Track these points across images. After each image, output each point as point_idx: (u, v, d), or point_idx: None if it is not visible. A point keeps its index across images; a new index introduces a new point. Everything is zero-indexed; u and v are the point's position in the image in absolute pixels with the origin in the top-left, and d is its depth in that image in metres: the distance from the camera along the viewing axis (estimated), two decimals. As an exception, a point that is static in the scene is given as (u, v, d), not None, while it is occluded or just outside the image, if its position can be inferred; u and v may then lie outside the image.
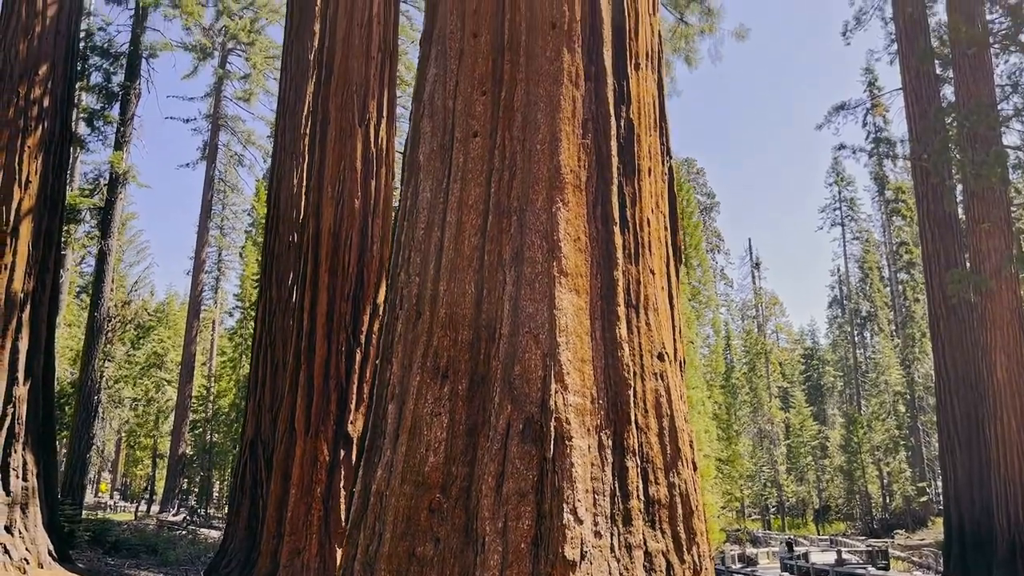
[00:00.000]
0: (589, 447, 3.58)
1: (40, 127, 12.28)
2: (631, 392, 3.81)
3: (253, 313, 23.12)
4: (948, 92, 22.32)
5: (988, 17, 17.04)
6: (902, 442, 43.56)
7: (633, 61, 4.72)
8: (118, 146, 20.11)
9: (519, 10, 4.55)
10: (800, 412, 48.78)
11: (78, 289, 38.59)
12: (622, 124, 4.49)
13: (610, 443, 3.67)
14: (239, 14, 33.34)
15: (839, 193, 56.42)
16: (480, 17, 4.70)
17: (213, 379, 41.33)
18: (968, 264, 17.94)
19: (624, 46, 4.62)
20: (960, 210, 19.71)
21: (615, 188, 4.26)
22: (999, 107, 15.94)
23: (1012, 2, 14.89)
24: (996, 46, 16.28)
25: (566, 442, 3.51)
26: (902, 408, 45.51)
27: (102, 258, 20.50)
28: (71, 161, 23.57)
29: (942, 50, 20.71)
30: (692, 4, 14.94)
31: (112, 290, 24.36)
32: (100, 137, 19.71)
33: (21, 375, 11.59)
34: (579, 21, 4.50)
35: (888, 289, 53.65)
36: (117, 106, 20.56)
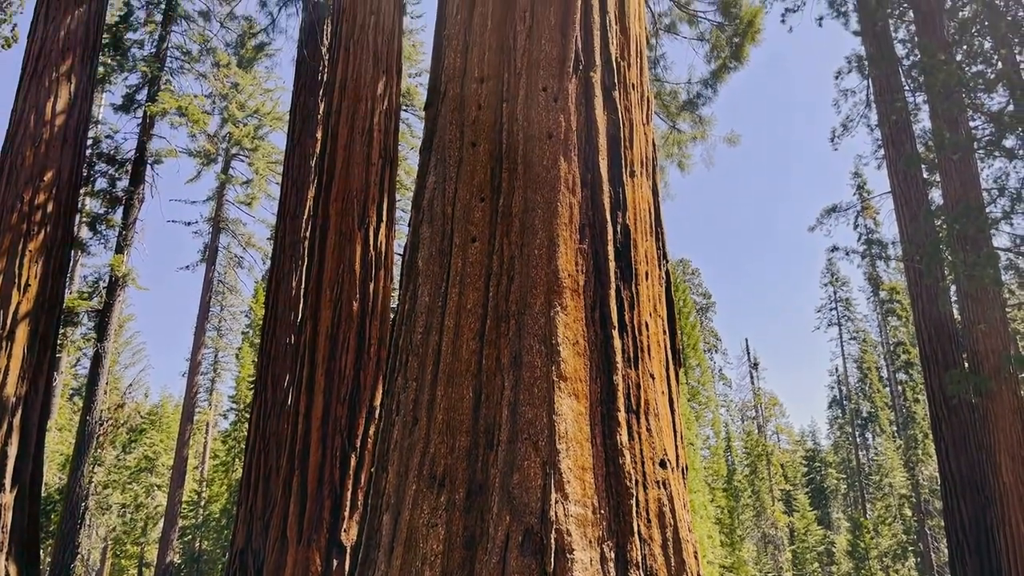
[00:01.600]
0: (591, 560, 3.46)
1: (42, 232, 12.42)
2: (633, 502, 3.71)
3: (247, 416, 22.84)
4: (936, 195, 22.79)
5: (971, 124, 17.57)
6: (910, 548, 42.39)
7: (628, 168, 4.82)
8: (119, 249, 20.32)
9: (516, 121, 4.68)
10: (804, 516, 47.66)
11: (71, 392, 38.24)
12: (619, 229, 4.55)
13: (612, 556, 3.55)
14: (243, 121, 34.27)
15: (834, 293, 56.87)
16: (479, 127, 4.83)
17: (205, 483, 40.47)
18: (966, 365, 17.87)
19: (619, 154, 4.73)
20: (955, 311, 19.79)
21: (613, 292, 4.28)
22: (987, 210, 16.25)
23: (994, 110, 15.40)
24: (981, 151, 16.73)
25: (567, 555, 3.40)
26: (908, 512, 44.51)
27: (97, 361, 20.39)
28: (71, 264, 23.76)
29: (928, 155, 21.25)
30: (684, 113, 15.43)
31: (106, 392, 24.13)
32: (102, 240, 19.97)
33: (8, 482, 11.34)
34: (575, 131, 4.62)
35: (888, 389, 53.32)
36: (120, 210, 20.90)
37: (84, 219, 20.36)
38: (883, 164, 23.11)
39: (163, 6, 22.73)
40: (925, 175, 21.26)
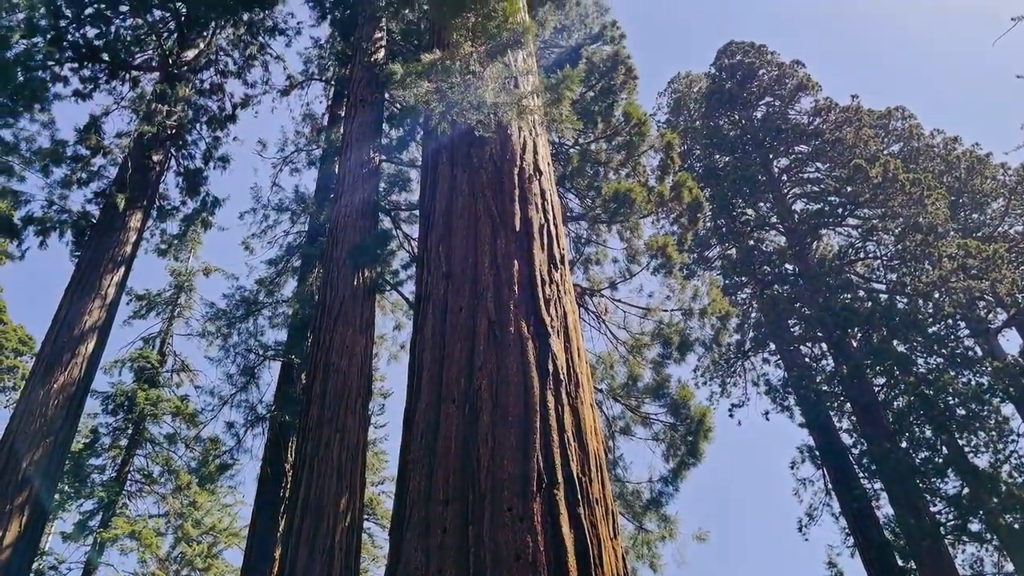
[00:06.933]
0: None
1: None
2: None
3: None
4: (918, 583, 22.04)
5: (933, 508, 17.70)
6: None
7: (601, 587, 4.66)
8: None
9: (483, 544, 4.62)
10: None
11: None
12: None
13: None
14: (198, 539, 33.06)
15: None
16: (445, 552, 4.74)
17: None
18: None
19: (589, 574, 4.61)
20: None
21: None
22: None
23: (951, 494, 15.68)
24: (949, 536, 16.65)
25: None
26: None
27: None
28: None
29: (896, 541, 21.01)
30: (649, 512, 15.37)
31: None
32: None
33: None
34: (543, 551, 4.55)
35: None
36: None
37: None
38: (855, 552, 22.69)
39: (130, 431, 23.19)
40: (900, 562, 20.79)
